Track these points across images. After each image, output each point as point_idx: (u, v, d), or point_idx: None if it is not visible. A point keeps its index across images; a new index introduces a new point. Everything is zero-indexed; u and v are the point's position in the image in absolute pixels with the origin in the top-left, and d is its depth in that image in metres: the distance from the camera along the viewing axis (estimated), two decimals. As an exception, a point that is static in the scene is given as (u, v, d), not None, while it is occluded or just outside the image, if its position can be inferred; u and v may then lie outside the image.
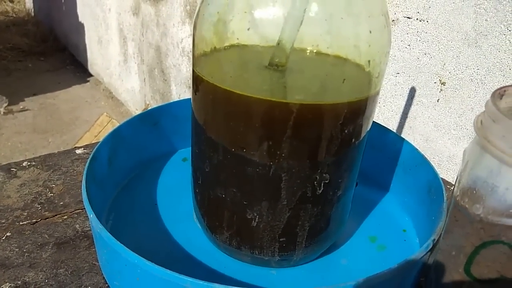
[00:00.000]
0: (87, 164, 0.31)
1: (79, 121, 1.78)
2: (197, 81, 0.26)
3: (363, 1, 0.22)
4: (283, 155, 0.24)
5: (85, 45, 2.14)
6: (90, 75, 2.18)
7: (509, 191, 0.21)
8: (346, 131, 0.25)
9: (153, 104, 1.58)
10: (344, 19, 0.22)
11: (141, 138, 0.40)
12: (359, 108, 0.25)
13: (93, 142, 1.41)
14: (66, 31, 2.36)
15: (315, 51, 0.23)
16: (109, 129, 1.40)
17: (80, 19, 2.10)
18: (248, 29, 0.22)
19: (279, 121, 0.23)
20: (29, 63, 2.24)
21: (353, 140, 0.26)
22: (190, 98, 0.42)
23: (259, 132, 0.24)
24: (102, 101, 1.96)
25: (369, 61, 0.23)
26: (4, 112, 1.78)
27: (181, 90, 1.36)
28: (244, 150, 0.25)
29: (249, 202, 0.27)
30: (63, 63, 2.29)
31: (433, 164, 0.35)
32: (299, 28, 0.22)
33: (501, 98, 0.25)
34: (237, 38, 0.23)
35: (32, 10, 2.85)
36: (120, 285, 0.27)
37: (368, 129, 0.28)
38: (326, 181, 0.26)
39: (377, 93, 0.26)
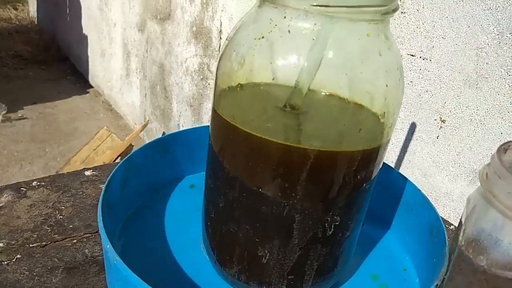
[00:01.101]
0: (102, 192, 0.32)
1: (77, 132, 1.78)
2: (218, 120, 0.27)
3: (381, 58, 0.24)
4: (298, 196, 0.25)
5: (87, 56, 2.15)
6: (91, 87, 2.19)
7: (512, 245, 0.22)
8: (358, 176, 0.26)
9: (153, 120, 1.59)
10: (363, 73, 0.24)
11: (152, 165, 0.40)
12: (372, 155, 0.26)
13: (91, 155, 1.42)
14: (69, 41, 2.38)
15: (335, 101, 0.24)
16: (108, 143, 1.41)
17: (84, 30, 2.13)
18: (273, 79, 0.24)
19: (296, 165, 0.25)
20: (30, 71, 2.25)
21: (364, 184, 0.27)
22: (199, 127, 0.44)
23: (277, 174, 0.25)
24: (101, 113, 1.96)
25: (384, 113, 0.25)
26: (2, 120, 1.78)
27: (182, 108, 1.38)
28: (260, 190, 0.26)
29: (261, 239, 0.27)
30: (64, 73, 2.30)
31: (430, 199, 0.36)
32: (315, 74, 0.24)
33: (505, 152, 0.26)
34: (261, 85, 0.25)
35: (36, 18, 2.88)
36: (131, 315, 0.27)
37: (377, 173, 0.29)
38: (337, 223, 0.27)
39: (388, 141, 0.27)
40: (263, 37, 0.24)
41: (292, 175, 0.25)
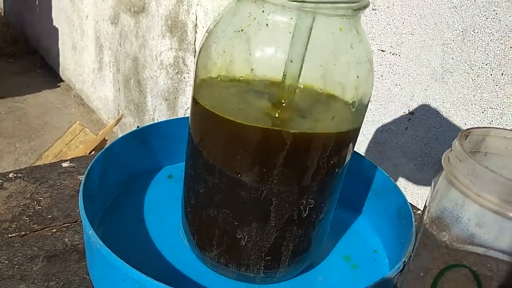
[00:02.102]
0: (82, 181, 0.32)
1: (48, 127, 1.74)
2: (198, 109, 0.28)
3: (353, 50, 0.25)
4: (274, 181, 0.27)
5: (57, 49, 2.10)
6: (61, 81, 2.14)
7: (471, 222, 0.24)
8: (331, 161, 0.28)
9: (127, 114, 1.57)
10: (336, 65, 0.25)
11: (131, 155, 0.41)
12: (343, 142, 0.28)
13: (64, 150, 1.39)
14: (38, 34, 2.32)
15: (310, 90, 0.26)
16: (81, 137, 1.39)
17: (55, 23, 2.07)
18: (252, 70, 0.25)
19: (273, 151, 0.26)
20: (-3, 64, 2.18)
21: (337, 169, 0.29)
22: (177, 118, 0.45)
23: (255, 159, 0.26)
24: (72, 107, 1.92)
25: (355, 102, 0.26)
26: (-32, 114, 1.72)
27: (157, 102, 1.37)
28: (239, 175, 0.27)
29: (240, 222, 0.29)
30: (33, 67, 2.24)
31: (399, 187, 0.39)
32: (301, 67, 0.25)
33: (466, 138, 0.28)
34: (240, 76, 0.26)
35: (2, 10, 2.78)
36: (114, 298, 0.28)
37: (349, 159, 0.31)
38: (311, 206, 0.29)
39: (359, 129, 0.29)
40: (242, 30, 0.25)
41: (269, 161, 0.26)
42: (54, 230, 0.36)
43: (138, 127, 1.49)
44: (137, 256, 0.34)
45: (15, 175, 0.42)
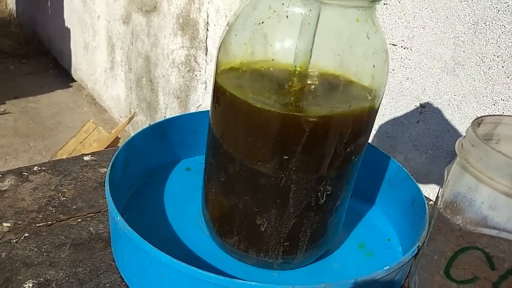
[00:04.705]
0: (108, 171, 0.34)
1: (61, 126, 1.77)
2: (219, 96, 0.29)
3: (369, 41, 0.26)
4: (294, 168, 0.28)
5: (70, 50, 2.13)
6: (73, 80, 2.17)
7: (484, 204, 0.25)
8: (348, 149, 0.29)
9: (139, 113, 1.60)
10: (353, 55, 0.26)
11: (151, 148, 0.42)
12: (360, 130, 0.29)
13: (78, 148, 1.42)
14: (50, 35, 2.35)
15: (328, 80, 0.27)
16: (95, 135, 1.41)
17: (67, 24, 2.10)
18: (273, 60, 0.26)
19: (293, 138, 0.27)
20: (10, 65, 2.21)
21: (353, 157, 0.30)
22: (195, 113, 0.46)
23: (275, 147, 0.27)
24: (85, 107, 1.95)
25: (371, 90, 0.27)
26: (-16, 114, 1.75)
27: (168, 100, 1.39)
28: (259, 163, 0.28)
29: (259, 209, 0.30)
30: (46, 67, 2.27)
31: (412, 180, 0.39)
32: (310, 55, 0.26)
33: (478, 126, 0.29)
34: (261, 65, 0.27)
35: (15, 12, 2.82)
36: (141, 282, 0.29)
37: (364, 148, 0.32)
38: (328, 193, 0.30)
39: (375, 118, 0.30)
40: (263, 22, 0.26)
41: (289, 148, 0.27)
42: (79, 220, 0.38)
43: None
44: (158, 245, 0.35)
45: (39, 168, 0.44)
